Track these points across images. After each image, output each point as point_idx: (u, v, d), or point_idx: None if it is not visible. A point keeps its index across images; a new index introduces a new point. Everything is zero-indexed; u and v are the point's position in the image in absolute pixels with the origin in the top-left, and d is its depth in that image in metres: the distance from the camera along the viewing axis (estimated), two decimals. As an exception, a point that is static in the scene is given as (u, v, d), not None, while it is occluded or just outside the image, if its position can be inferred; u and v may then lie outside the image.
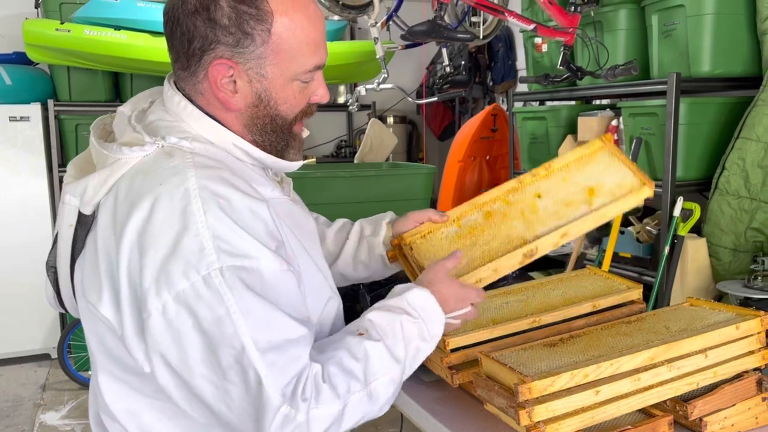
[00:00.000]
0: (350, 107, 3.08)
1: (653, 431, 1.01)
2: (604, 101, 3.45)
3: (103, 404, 1.00)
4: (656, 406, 1.05)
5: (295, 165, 1.07)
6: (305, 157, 4.56)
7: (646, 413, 1.05)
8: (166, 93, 1.02)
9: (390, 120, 5.06)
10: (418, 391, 1.30)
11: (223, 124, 1.00)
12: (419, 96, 4.93)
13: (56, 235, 1.01)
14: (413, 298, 1.04)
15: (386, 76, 2.83)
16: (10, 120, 3.88)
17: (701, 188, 2.70)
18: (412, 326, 1.01)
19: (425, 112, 5.23)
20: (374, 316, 1.01)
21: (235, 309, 0.85)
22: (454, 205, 4.10)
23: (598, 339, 1.12)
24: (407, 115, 5.31)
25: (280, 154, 1.04)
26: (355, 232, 1.33)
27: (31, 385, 3.75)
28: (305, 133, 1.09)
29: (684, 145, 2.59)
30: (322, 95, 1.03)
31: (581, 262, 3.02)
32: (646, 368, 1.02)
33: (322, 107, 4.97)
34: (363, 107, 4.52)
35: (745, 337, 1.10)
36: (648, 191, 1.19)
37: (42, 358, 4.11)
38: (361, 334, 0.98)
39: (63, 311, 1.12)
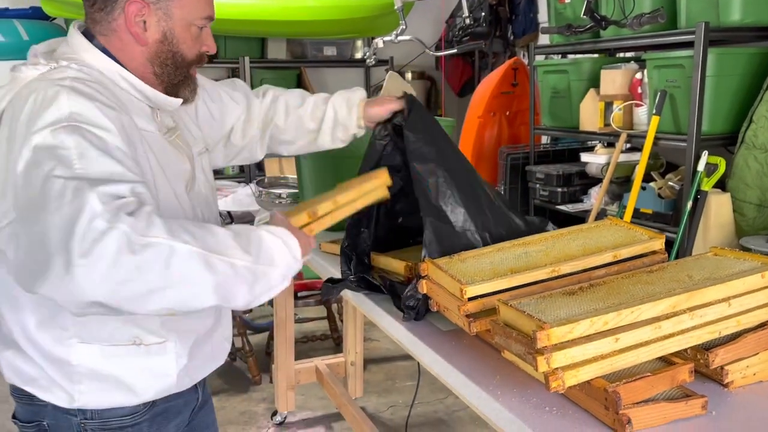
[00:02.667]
0: (368, 60, 3.03)
1: (673, 379, 1.00)
2: (628, 54, 3.36)
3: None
4: (677, 354, 1.04)
5: (174, 102, 1.24)
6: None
7: (667, 361, 1.03)
8: (69, 33, 1.20)
9: (408, 75, 4.99)
10: (435, 340, 1.30)
11: (125, 61, 1.18)
12: (438, 50, 4.84)
13: None
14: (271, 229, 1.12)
15: (404, 27, 2.77)
16: (28, 76, 3.89)
17: (726, 142, 2.64)
18: (274, 244, 1.07)
19: (444, 67, 5.14)
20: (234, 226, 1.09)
21: (73, 152, 0.97)
22: (473, 162, 4.07)
23: (619, 287, 1.11)
24: (426, 70, 5.23)
25: (176, 88, 1.23)
26: (329, 117, 1.54)
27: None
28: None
29: (711, 98, 2.52)
30: (210, 45, 1.24)
31: (602, 218, 2.99)
32: (667, 316, 1.01)
33: (339, 62, 4.91)
34: (380, 62, 4.45)
35: (770, 286, 1.08)
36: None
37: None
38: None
39: None
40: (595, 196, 3.13)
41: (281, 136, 1.58)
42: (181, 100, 1.25)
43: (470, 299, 1.18)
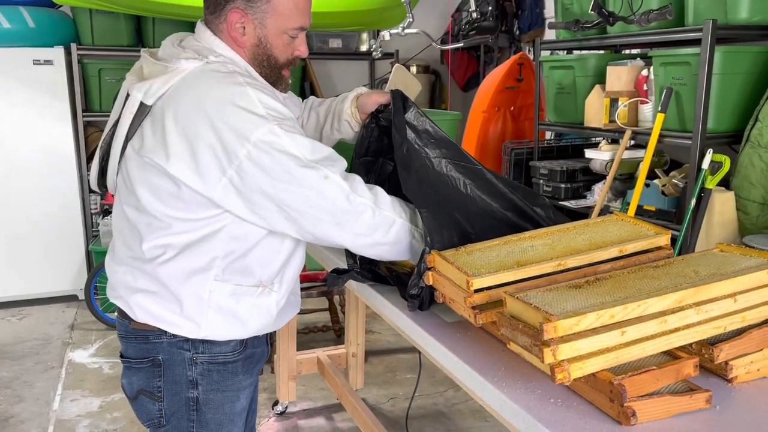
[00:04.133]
0: (374, 53, 3.03)
1: (678, 373, 1.00)
2: (634, 51, 3.36)
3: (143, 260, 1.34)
4: (682, 348, 1.04)
5: (283, 95, 1.45)
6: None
7: (672, 355, 1.04)
8: (199, 30, 1.40)
9: (413, 69, 4.97)
10: (440, 332, 1.31)
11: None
12: (444, 44, 4.83)
13: (116, 122, 1.35)
14: None
15: (411, 20, 2.77)
16: (34, 63, 3.89)
17: (731, 141, 2.64)
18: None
19: (449, 61, 5.13)
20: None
21: (289, 144, 1.24)
22: (477, 156, 4.07)
23: (625, 281, 1.11)
24: (431, 64, 5.22)
25: (273, 85, 1.42)
26: (331, 108, 1.72)
27: (60, 325, 3.86)
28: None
29: (716, 96, 2.52)
30: (302, 51, 1.44)
31: (605, 215, 2.99)
32: (673, 311, 1.02)
33: (345, 55, 4.91)
34: (386, 55, 4.45)
35: (776, 282, 1.09)
36: None
37: (70, 299, 4.22)
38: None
39: (99, 190, 1.47)
40: (599, 193, 3.13)
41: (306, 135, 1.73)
42: (286, 93, 1.47)
43: (476, 291, 1.19)
